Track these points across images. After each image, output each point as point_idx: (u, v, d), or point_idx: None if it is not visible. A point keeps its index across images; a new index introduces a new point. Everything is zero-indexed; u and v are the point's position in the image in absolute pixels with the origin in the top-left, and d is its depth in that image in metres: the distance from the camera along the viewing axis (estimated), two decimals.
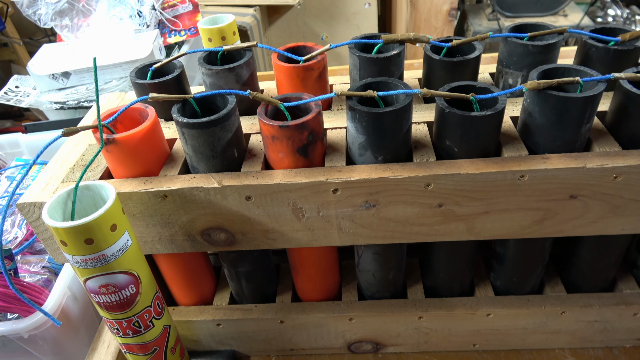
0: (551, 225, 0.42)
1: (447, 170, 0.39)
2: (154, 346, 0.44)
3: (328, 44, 0.47)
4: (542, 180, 0.39)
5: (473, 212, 0.42)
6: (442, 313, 0.52)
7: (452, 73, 0.47)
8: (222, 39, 0.56)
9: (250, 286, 0.54)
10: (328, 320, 0.53)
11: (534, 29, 0.48)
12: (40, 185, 0.44)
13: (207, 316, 0.54)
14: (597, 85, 0.38)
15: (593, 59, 0.46)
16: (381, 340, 0.56)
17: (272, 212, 0.42)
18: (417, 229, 0.43)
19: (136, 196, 0.42)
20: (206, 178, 0.42)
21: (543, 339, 0.54)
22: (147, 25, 1.09)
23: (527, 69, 0.47)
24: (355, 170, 0.40)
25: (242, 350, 0.58)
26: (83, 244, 0.35)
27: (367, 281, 0.53)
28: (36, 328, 0.49)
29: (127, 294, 0.39)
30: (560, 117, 0.38)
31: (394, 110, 0.38)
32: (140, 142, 0.42)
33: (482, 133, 0.39)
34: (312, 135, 0.40)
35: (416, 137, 0.44)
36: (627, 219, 0.42)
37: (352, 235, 0.44)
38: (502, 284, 0.54)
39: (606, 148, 0.40)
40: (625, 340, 0.54)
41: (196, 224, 0.43)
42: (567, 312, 0.51)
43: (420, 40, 0.45)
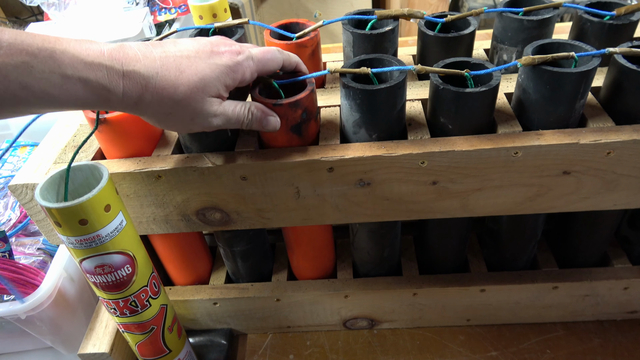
0: (544, 202, 0.43)
1: (442, 148, 0.39)
2: (151, 325, 0.44)
3: (321, 20, 0.46)
4: (536, 157, 0.39)
5: (467, 189, 0.42)
6: (436, 289, 0.53)
7: (446, 49, 0.46)
8: (213, 16, 0.55)
9: (246, 265, 0.54)
10: (324, 297, 0.54)
11: (529, 4, 0.47)
12: (32, 167, 0.43)
13: (203, 295, 0.55)
14: (591, 60, 0.38)
15: (588, 34, 0.46)
16: (376, 316, 0.56)
17: (266, 191, 0.42)
18: (412, 207, 0.43)
19: (130, 176, 0.41)
20: (200, 157, 0.41)
21: (535, 314, 0.55)
22: (137, 3, 1.07)
23: (522, 45, 0.46)
24: (349, 148, 0.40)
25: (239, 328, 0.59)
26: (77, 224, 0.35)
27: (362, 259, 0.54)
28: (33, 309, 0.50)
29: (123, 274, 0.39)
30: (554, 93, 0.38)
31: (388, 87, 0.38)
32: (132, 122, 0.41)
33: (477, 109, 0.39)
34: (306, 113, 0.40)
35: (410, 115, 0.44)
36: (619, 195, 0.42)
37: (347, 213, 0.44)
38: (495, 260, 0.54)
39: (600, 124, 0.40)
40: (616, 314, 0.56)
41: (191, 203, 0.43)
42: (559, 286, 0.52)
43: (414, 15, 0.44)
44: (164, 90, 0.33)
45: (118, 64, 0.31)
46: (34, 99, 0.30)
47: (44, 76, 0.29)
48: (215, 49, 0.35)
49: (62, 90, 0.30)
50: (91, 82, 0.30)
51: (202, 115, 0.35)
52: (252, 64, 0.37)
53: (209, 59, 0.34)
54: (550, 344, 0.55)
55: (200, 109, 0.34)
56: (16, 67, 0.28)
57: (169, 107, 0.33)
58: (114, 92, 0.31)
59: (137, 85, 0.32)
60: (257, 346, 0.58)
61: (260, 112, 0.38)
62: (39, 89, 0.29)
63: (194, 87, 0.33)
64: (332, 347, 0.57)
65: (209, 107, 0.35)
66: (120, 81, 0.31)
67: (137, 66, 0.32)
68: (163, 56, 0.33)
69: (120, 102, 0.32)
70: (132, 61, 0.32)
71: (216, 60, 0.35)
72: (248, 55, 0.36)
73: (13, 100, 0.29)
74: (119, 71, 0.31)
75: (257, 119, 0.38)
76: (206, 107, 0.34)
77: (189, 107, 0.34)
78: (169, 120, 0.35)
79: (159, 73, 0.32)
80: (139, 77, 0.32)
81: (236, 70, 0.35)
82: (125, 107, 0.33)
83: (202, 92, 0.34)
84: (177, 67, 0.33)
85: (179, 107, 0.34)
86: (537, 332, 0.56)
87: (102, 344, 0.50)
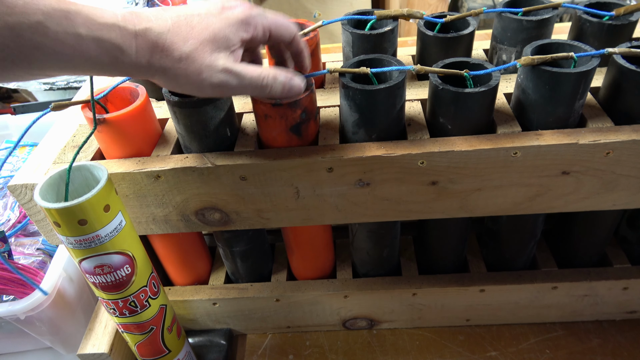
0: (544, 202, 0.43)
1: (441, 148, 0.39)
2: (150, 325, 0.44)
3: (320, 20, 0.46)
4: (535, 157, 0.39)
5: (466, 189, 0.42)
6: (436, 289, 0.53)
7: (445, 49, 0.46)
8: None
9: (246, 265, 0.54)
10: (323, 298, 0.54)
11: (528, 4, 0.47)
12: (32, 167, 0.43)
13: (203, 295, 0.54)
14: (590, 61, 0.38)
15: (587, 34, 0.46)
16: (376, 316, 0.56)
17: (266, 192, 0.42)
18: (411, 207, 0.43)
19: (129, 177, 0.41)
20: (199, 158, 0.41)
21: (534, 313, 0.55)
22: (136, 3, 1.07)
23: (521, 45, 0.46)
24: (349, 148, 0.40)
25: (238, 329, 0.59)
26: (77, 224, 0.35)
27: (362, 259, 0.54)
28: (32, 309, 0.50)
29: (122, 274, 0.39)
30: (554, 93, 0.38)
31: (388, 87, 0.38)
32: (131, 122, 0.41)
33: (476, 110, 0.39)
34: (305, 113, 0.40)
35: (410, 115, 0.44)
36: (618, 195, 0.42)
37: (347, 213, 0.44)
38: (494, 260, 0.54)
39: (599, 124, 0.40)
40: (615, 314, 0.56)
41: (190, 204, 0.43)
42: (559, 286, 0.52)
43: (413, 16, 0.44)
44: (174, 44, 0.32)
45: (131, 24, 0.31)
46: (47, 59, 0.29)
47: (57, 36, 0.29)
48: (226, 4, 0.35)
49: (75, 51, 0.30)
50: (104, 41, 0.30)
51: (210, 69, 0.33)
52: (265, 21, 0.36)
53: (221, 14, 0.34)
54: (549, 344, 0.55)
55: (209, 62, 0.33)
56: (30, 27, 0.28)
57: (177, 61, 0.33)
58: (126, 52, 0.31)
59: (148, 43, 0.32)
60: (257, 346, 0.58)
61: (283, 75, 0.36)
62: (52, 49, 0.29)
63: (203, 40, 0.33)
64: (331, 347, 0.57)
65: (217, 60, 0.34)
66: (133, 41, 0.31)
67: (149, 25, 0.32)
68: (174, 15, 0.33)
69: (133, 63, 0.32)
70: (144, 21, 0.32)
71: (228, 14, 0.34)
72: (261, 12, 0.36)
73: (26, 61, 0.29)
74: (131, 31, 0.31)
75: (280, 81, 0.36)
76: (215, 59, 0.33)
77: (197, 59, 0.33)
78: (179, 78, 0.34)
79: (170, 30, 0.32)
80: (151, 35, 0.32)
81: (249, 22, 0.35)
82: (136, 69, 0.33)
83: (212, 43, 0.33)
84: (187, 23, 0.33)
85: (188, 60, 0.33)
86: (536, 332, 0.56)
87: (101, 344, 0.49)
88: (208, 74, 0.34)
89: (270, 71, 0.36)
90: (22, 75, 0.30)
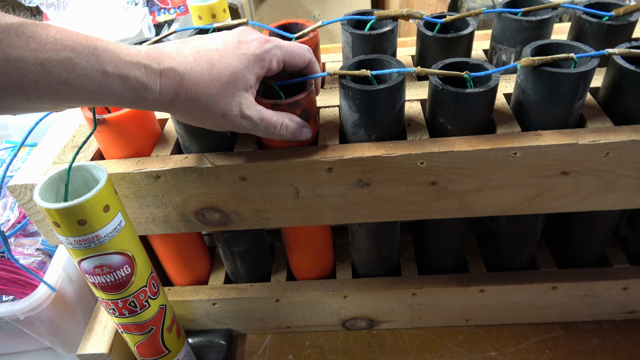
0: (543, 202, 0.43)
1: (441, 148, 0.39)
2: (150, 325, 0.44)
3: (320, 21, 0.46)
4: (535, 157, 0.39)
5: (466, 189, 0.42)
6: (435, 289, 0.53)
7: (445, 49, 0.46)
8: (212, 16, 0.55)
9: (245, 265, 0.54)
10: (323, 298, 0.54)
11: (528, 4, 0.47)
12: (31, 167, 0.43)
13: (202, 296, 0.54)
14: (590, 61, 0.38)
15: (587, 34, 0.46)
16: (375, 316, 0.56)
17: (265, 192, 0.42)
18: (411, 207, 0.43)
19: (129, 177, 0.41)
20: (199, 158, 0.41)
21: (534, 314, 0.55)
22: (136, 3, 1.07)
23: (521, 45, 0.46)
24: (348, 148, 0.40)
25: (238, 329, 0.59)
26: (76, 225, 0.35)
27: (361, 259, 0.54)
28: (32, 309, 0.49)
29: (122, 275, 0.39)
30: (553, 93, 0.38)
31: (387, 87, 0.38)
32: (131, 122, 0.41)
33: (476, 110, 0.39)
34: (305, 113, 0.40)
35: (410, 115, 0.44)
36: (618, 195, 0.42)
37: (346, 213, 0.44)
38: (494, 260, 0.54)
39: (598, 124, 0.40)
40: (615, 314, 0.56)
41: (190, 204, 0.43)
42: (558, 287, 0.52)
43: (413, 16, 0.44)
44: (198, 86, 0.33)
45: (155, 63, 0.32)
46: (73, 94, 0.30)
47: (85, 72, 0.29)
48: (242, 38, 0.36)
49: (101, 86, 0.30)
50: (130, 79, 0.31)
51: (231, 113, 0.35)
52: (279, 53, 0.36)
53: (237, 49, 0.35)
54: (549, 344, 0.55)
55: (230, 107, 0.35)
56: (60, 63, 0.29)
57: (202, 102, 0.34)
58: (151, 90, 0.32)
59: (173, 83, 0.32)
60: (256, 346, 0.58)
61: (294, 124, 0.38)
62: (79, 85, 0.30)
63: (225, 82, 0.34)
64: (331, 347, 0.57)
65: (239, 105, 0.35)
66: (158, 79, 0.32)
67: (173, 63, 0.32)
68: (194, 52, 0.34)
69: (157, 100, 0.33)
70: (167, 59, 0.32)
71: (244, 50, 0.35)
72: (276, 44, 0.37)
73: (53, 95, 0.29)
74: (156, 70, 0.32)
75: (291, 130, 0.38)
76: (236, 105, 0.35)
77: (222, 102, 0.34)
78: (202, 116, 0.35)
79: (193, 69, 0.33)
80: (175, 75, 0.32)
81: (264, 58, 0.35)
82: (160, 105, 0.33)
83: (233, 85, 0.34)
84: (208, 61, 0.34)
85: (212, 102, 0.34)
86: (536, 332, 0.56)
87: (101, 345, 0.49)
88: (229, 118, 0.35)
89: (283, 119, 0.37)
90: (45, 107, 0.31)
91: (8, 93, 0.28)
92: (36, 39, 0.28)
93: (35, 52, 0.28)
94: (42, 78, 0.28)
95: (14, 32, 0.28)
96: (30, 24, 0.28)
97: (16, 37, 0.28)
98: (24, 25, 0.28)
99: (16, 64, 0.28)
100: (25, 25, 0.28)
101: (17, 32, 0.28)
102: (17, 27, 0.28)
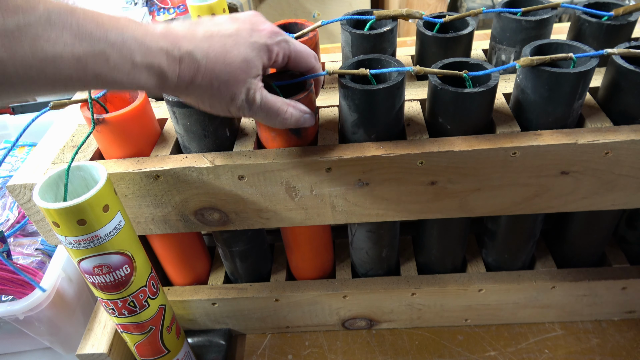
0: (543, 201, 0.43)
1: (440, 148, 0.39)
2: (150, 325, 0.44)
3: (320, 20, 0.46)
4: (534, 157, 0.39)
5: (465, 189, 0.42)
6: (435, 289, 0.53)
7: (445, 49, 0.46)
8: (212, 16, 0.55)
9: (245, 265, 0.54)
10: (322, 298, 0.54)
11: (527, 4, 0.47)
12: (31, 167, 0.43)
13: (202, 295, 0.54)
14: (589, 61, 0.38)
15: (586, 34, 0.46)
16: (375, 316, 0.56)
17: (265, 192, 0.42)
18: (410, 207, 0.43)
19: (128, 177, 0.41)
20: (198, 158, 0.41)
21: (533, 313, 0.55)
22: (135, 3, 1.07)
23: (520, 45, 0.46)
24: (348, 148, 0.40)
25: (237, 329, 0.59)
26: (75, 225, 0.35)
27: (361, 259, 0.54)
28: (32, 309, 0.49)
29: (121, 274, 0.39)
30: (553, 93, 0.38)
31: (387, 87, 0.38)
32: (130, 122, 0.41)
33: (475, 110, 0.39)
34: None
35: (409, 115, 0.44)
36: (617, 195, 0.42)
37: (346, 213, 0.44)
38: (493, 259, 0.54)
39: (598, 124, 0.40)
40: (614, 314, 0.56)
41: (189, 204, 0.43)
42: (557, 286, 0.52)
43: (412, 16, 0.44)
44: (213, 72, 0.33)
45: (175, 48, 0.31)
46: (102, 85, 0.30)
47: (117, 64, 0.29)
48: (255, 26, 0.35)
49: (129, 78, 0.30)
50: (154, 68, 0.31)
51: (241, 97, 0.35)
52: (287, 48, 0.36)
53: (250, 37, 0.34)
54: (548, 344, 0.55)
55: (241, 90, 0.34)
56: (95, 56, 0.28)
57: (215, 88, 0.34)
58: (170, 77, 0.32)
59: (190, 69, 0.32)
60: (256, 346, 0.58)
61: (298, 111, 0.38)
62: (110, 77, 0.29)
63: (237, 68, 0.33)
64: (330, 347, 0.57)
65: (249, 90, 0.34)
66: (177, 66, 0.32)
67: (190, 47, 0.32)
68: (207, 36, 0.33)
69: (173, 85, 0.32)
70: (184, 43, 0.32)
71: (257, 38, 0.34)
72: (286, 38, 0.36)
73: (82, 87, 0.29)
74: (176, 56, 0.31)
75: (295, 117, 0.37)
76: (247, 89, 0.34)
77: (233, 87, 0.34)
78: (213, 99, 0.35)
79: (208, 55, 0.33)
80: (192, 61, 0.32)
81: (272, 49, 0.35)
82: (174, 90, 0.33)
83: (244, 72, 0.34)
84: (222, 46, 0.33)
85: (224, 87, 0.34)
86: (535, 332, 0.56)
87: (100, 345, 0.49)
88: (237, 102, 0.35)
89: (288, 106, 0.37)
90: (63, 94, 0.31)
91: (40, 89, 0.28)
92: (70, 30, 0.27)
93: (72, 46, 0.27)
94: (76, 73, 0.28)
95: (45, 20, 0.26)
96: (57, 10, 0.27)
97: (49, 28, 0.26)
98: (53, 12, 0.27)
99: (54, 62, 0.27)
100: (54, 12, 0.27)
101: (49, 21, 0.26)
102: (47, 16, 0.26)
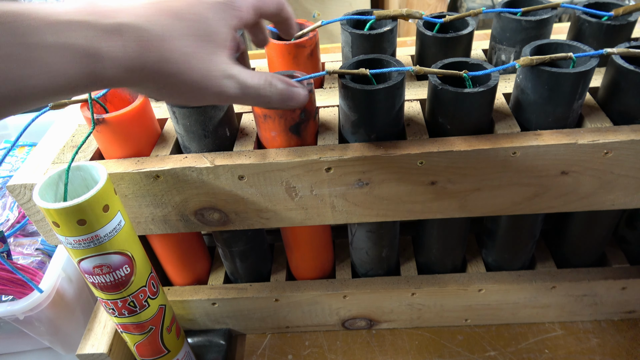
0: (542, 201, 0.43)
1: (440, 148, 0.39)
2: (150, 325, 0.44)
3: (320, 20, 0.46)
4: (534, 157, 0.39)
5: (465, 189, 0.42)
6: (435, 289, 0.53)
7: (445, 49, 0.46)
8: None
9: (245, 265, 0.54)
10: (322, 297, 0.54)
11: (527, 4, 0.47)
12: (31, 167, 0.43)
13: (202, 295, 0.54)
14: (589, 61, 0.38)
15: (586, 34, 0.46)
16: (375, 316, 0.56)
17: (265, 192, 0.42)
18: (410, 207, 0.43)
19: (128, 177, 0.41)
20: (198, 158, 0.41)
21: (533, 313, 0.55)
22: None
23: (520, 45, 0.46)
24: (348, 148, 0.40)
25: (237, 329, 0.59)
26: (76, 225, 0.35)
27: (361, 259, 0.54)
28: (32, 309, 0.49)
29: (121, 274, 0.39)
30: (553, 93, 0.38)
31: (387, 87, 0.38)
32: (130, 122, 0.41)
33: (475, 110, 0.39)
34: (305, 113, 0.40)
35: (409, 115, 0.44)
36: (617, 195, 0.42)
37: (346, 213, 0.44)
38: (493, 259, 0.54)
39: (597, 124, 0.40)
40: (614, 314, 0.56)
41: (189, 204, 0.43)
42: (557, 286, 0.52)
43: (412, 16, 0.44)
44: (164, 43, 0.25)
45: (102, 17, 0.24)
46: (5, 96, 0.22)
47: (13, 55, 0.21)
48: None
49: (27, 69, 0.22)
50: (77, 47, 0.23)
51: (213, 74, 0.27)
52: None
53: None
54: (548, 344, 0.55)
55: (209, 64, 0.27)
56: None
57: (173, 64, 0.26)
58: (105, 58, 0.24)
59: (131, 43, 0.24)
60: (256, 346, 0.58)
61: (283, 84, 0.31)
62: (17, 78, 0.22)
63: (196, 36, 0.26)
64: (330, 347, 0.57)
65: (219, 63, 0.28)
66: (111, 40, 0.24)
67: (125, 18, 0.24)
68: (147, 1, 0.26)
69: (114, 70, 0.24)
70: (115, 13, 0.24)
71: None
72: None
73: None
74: (108, 29, 0.24)
75: (278, 91, 0.31)
76: (217, 63, 0.27)
77: (198, 61, 0.27)
78: (177, 82, 0.27)
79: (154, 22, 0.25)
80: (132, 32, 0.24)
81: (234, 6, 0.28)
82: (118, 79, 0.25)
83: (207, 41, 0.27)
84: (169, 11, 0.26)
85: (186, 62, 0.26)
86: (535, 332, 0.56)
87: (100, 345, 0.49)
88: (210, 80, 0.28)
89: (269, 80, 0.31)
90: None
91: None
92: None
93: None
94: None
95: None
96: None
97: None
98: None
99: None
100: None
101: None
102: None
